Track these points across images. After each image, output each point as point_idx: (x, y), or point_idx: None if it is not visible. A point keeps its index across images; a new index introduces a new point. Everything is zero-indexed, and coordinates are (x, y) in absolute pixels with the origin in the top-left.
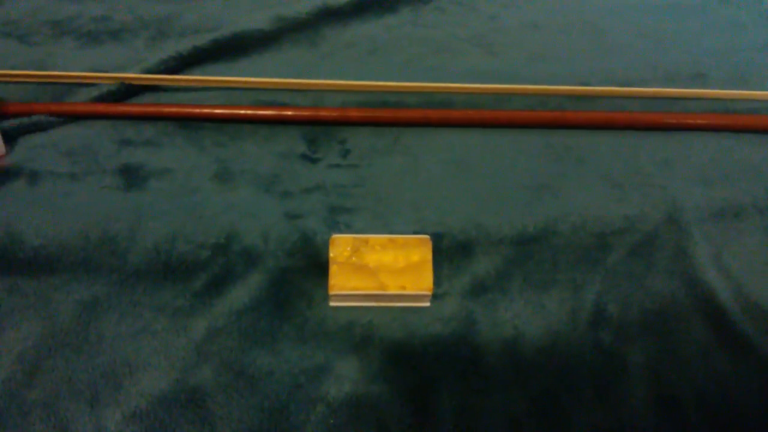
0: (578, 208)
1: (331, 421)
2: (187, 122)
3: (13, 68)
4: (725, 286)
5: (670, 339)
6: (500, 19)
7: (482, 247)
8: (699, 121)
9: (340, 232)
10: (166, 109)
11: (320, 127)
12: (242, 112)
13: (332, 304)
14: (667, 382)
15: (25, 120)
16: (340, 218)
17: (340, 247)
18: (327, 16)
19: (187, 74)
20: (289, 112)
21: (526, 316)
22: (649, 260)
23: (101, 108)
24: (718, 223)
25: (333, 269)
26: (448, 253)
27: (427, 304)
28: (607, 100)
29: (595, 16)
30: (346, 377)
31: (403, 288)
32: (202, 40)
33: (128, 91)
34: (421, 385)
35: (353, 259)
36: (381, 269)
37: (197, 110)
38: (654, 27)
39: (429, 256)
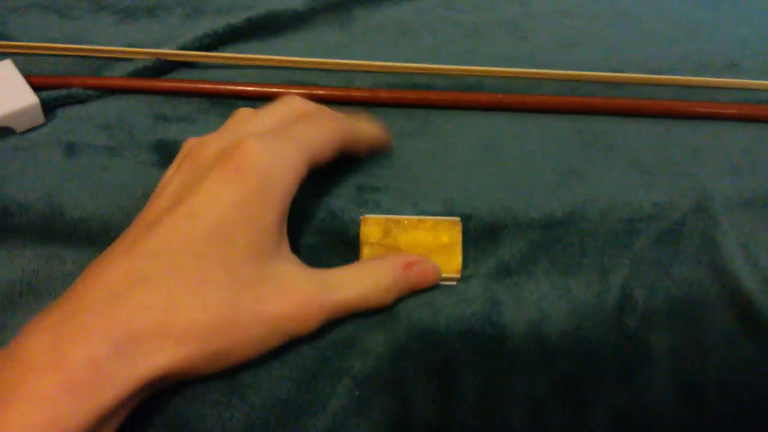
0: (606, 193)
1: (356, 393)
2: (220, 99)
3: (51, 42)
4: (752, 276)
5: (694, 326)
6: (532, 5)
7: (509, 230)
8: (730, 111)
9: (369, 211)
10: (200, 86)
11: (350, 108)
12: (274, 90)
13: None
14: (690, 369)
15: (63, 92)
16: (369, 197)
17: (372, 227)
18: None
19: (221, 52)
20: (320, 92)
21: (552, 299)
22: (676, 247)
23: (137, 83)
24: (746, 213)
25: (364, 251)
26: (475, 235)
27: (455, 283)
28: (638, 87)
29: (627, 3)
30: (372, 352)
31: None
32: (237, 18)
33: (163, 67)
34: (446, 362)
35: (385, 240)
36: (411, 250)
37: (230, 87)
38: (687, 15)
39: (459, 237)
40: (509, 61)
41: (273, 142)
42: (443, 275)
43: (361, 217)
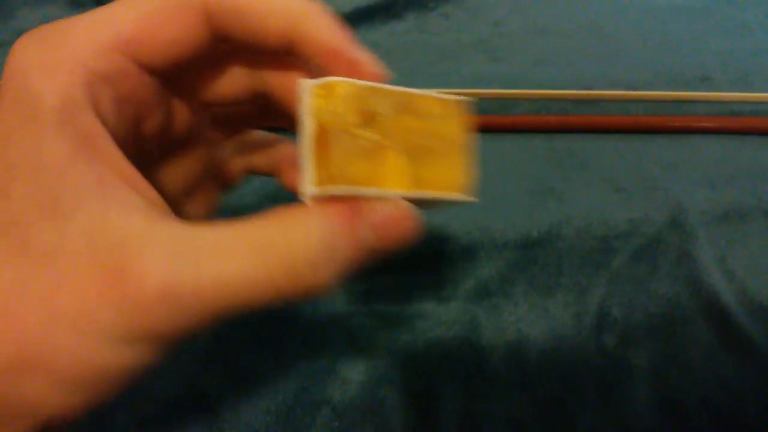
0: (582, 212)
1: (336, 423)
2: None
3: None
4: (730, 289)
5: (674, 342)
6: (505, 25)
7: (486, 251)
8: (704, 124)
9: None
10: None
11: None
12: None
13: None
14: (671, 386)
15: None
16: None
17: (340, 102)
18: None
19: None
20: None
21: (531, 320)
22: (653, 264)
23: None
24: (722, 226)
25: (329, 146)
26: (452, 256)
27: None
28: (612, 103)
29: (600, 19)
30: (351, 381)
31: (420, 186)
32: None
33: None
34: (426, 388)
35: (364, 130)
36: (397, 153)
37: None
38: (660, 30)
39: (465, 133)
40: (483, 82)
41: (47, 31)
42: (450, 195)
43: (306, 81)
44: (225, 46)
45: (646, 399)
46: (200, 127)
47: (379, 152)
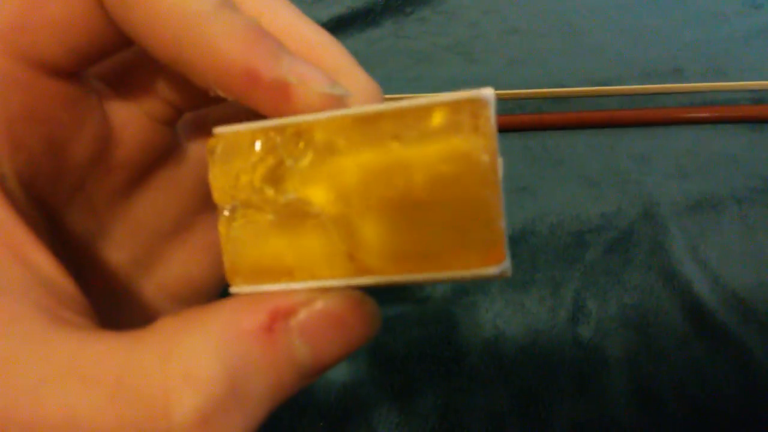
0: (556, 208)
1: (321, 423)
2: None
3: None
4: (702, 277)
5: (648, 332)
6: (480, 26)
7: None
8: (676, 115)
9: None
10: None
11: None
12: None
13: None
14: (646, 374)
15: None
16: None
17: (217, 164)
18: None
19: None
20: None
21: (507, 315)
22: (626, 256)
23: None
24: (695, 216)
25: (227, 228)
26: None
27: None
28: (585, 99)
29: (574, 17)
30: (334, 382)
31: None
32: None
33: None
34: (407, 386)
35: (267, 192)
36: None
37: None
38: (633, 23)
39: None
40: (458, 84)
41: None
42: (463, 271)
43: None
44: None
45: (622, 388)
46: (178, 142)
47: (302, 220)
